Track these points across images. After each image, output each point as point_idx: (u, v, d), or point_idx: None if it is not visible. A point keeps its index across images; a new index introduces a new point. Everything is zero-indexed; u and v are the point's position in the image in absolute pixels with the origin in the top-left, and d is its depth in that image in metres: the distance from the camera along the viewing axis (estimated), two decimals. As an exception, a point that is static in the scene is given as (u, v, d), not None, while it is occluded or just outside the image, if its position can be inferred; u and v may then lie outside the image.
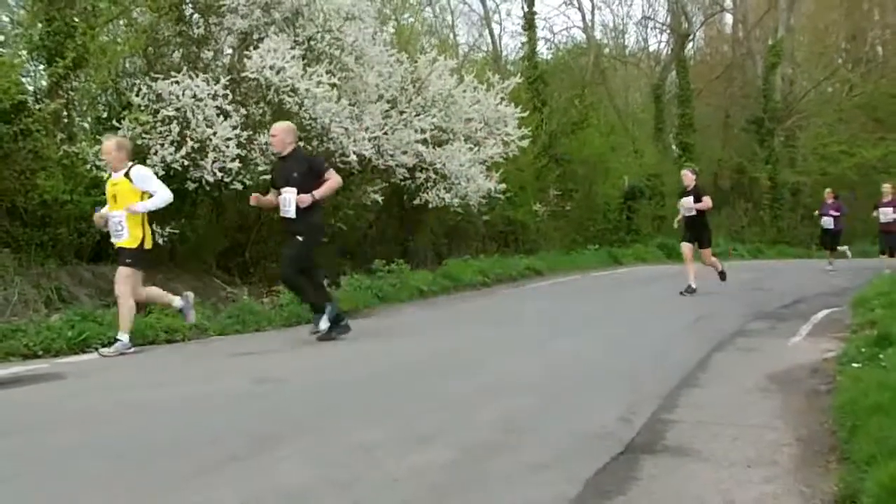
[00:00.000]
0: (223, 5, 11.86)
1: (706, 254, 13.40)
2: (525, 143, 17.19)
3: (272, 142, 8.79)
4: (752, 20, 33.16)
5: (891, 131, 30.25)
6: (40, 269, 9.87)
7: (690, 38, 33.02)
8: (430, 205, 15.24)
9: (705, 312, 10.50)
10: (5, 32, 11.00)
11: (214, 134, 10.76)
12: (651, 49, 37.01)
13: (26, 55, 10.55)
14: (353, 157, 12.51)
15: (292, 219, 8.25)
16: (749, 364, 6.92)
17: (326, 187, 8.33)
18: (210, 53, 12.20)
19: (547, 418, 5.06)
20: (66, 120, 10.79)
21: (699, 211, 13.07)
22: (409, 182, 14.88)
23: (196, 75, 10.98)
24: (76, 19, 10.32)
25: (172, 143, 10.64)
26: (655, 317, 10.48)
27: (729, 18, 35.91)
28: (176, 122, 10.74)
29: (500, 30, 46.09)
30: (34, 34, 10.42)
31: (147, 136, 10.61)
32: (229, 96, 11.13)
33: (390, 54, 14.33)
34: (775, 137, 30.70)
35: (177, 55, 12.08)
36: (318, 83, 11.68)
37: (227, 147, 10.79)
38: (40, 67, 10.75)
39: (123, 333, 7.76)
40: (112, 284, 7.98)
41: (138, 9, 11.86)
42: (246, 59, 11.57)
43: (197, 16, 12.08)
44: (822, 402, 5.41)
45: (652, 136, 30.26)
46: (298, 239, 8.28)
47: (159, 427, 4.88)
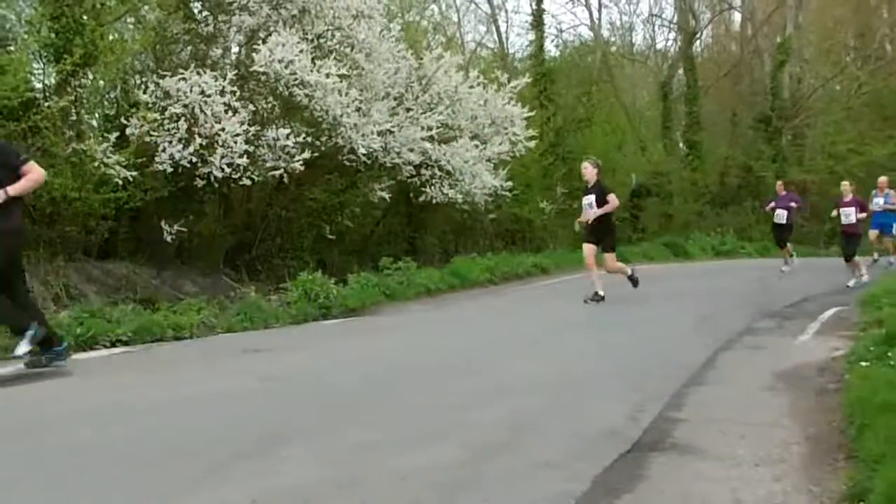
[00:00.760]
0: (233, 2, 11.88)
1: (609, 259, 11.81)
2: (532, 144, 17.18)
3: None
4: (759, 18, 32.98)
5: (900, 129, 30.11)
6: (49, 267, 9.92)
7: (698, 35, 32.86)
8: (435, 201, 15.24)
9: (712, 311, 10.47)
10: (14, 30, 11.04)
11: (223, 130, 10.79)
12: (658, 47, 36.91)
13: (35, 52, 10.59)
14: (362, 152, 12.52)
15: None
16: (756, 363, 6.91)
17: (25, 182, 6.47)
18: (218, 51, 12.23)
19: (554, 417, 5.06)
20: (75, 117, 10.82)
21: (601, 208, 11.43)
22: (416, 179, 14.89)
23: (204, 72, 11.01)
24: (84, 17, 10.36)
25: (180, 141, 10.68)
26: (662, 315, 10.45)
27: (737, 16, 35.74)
28: (184, 118, 10.77)
29: (506, 28, 46.02)
30: (42, 32, 10.45)
31: (155, 134, 10.65)
32: (237, 93, 11.16)
33: (398, 50, 14.35)
34: (783, 135, 30.54)
35: (185, 53, 12.12)
36: (327, 75, 11.69)
37: (236, 143, 10.82)
38: (49, 65, 10.78)
39: None
40: (119, 281, 8.01)
41: (146, 6, 11.89)
42: (255, 53, 11.60)
43: (206, 13, 12.11)
44: (830, 400, 5.40)
45: (659, 135, 30.15)
46: None
47: (166, 425, 4.88)
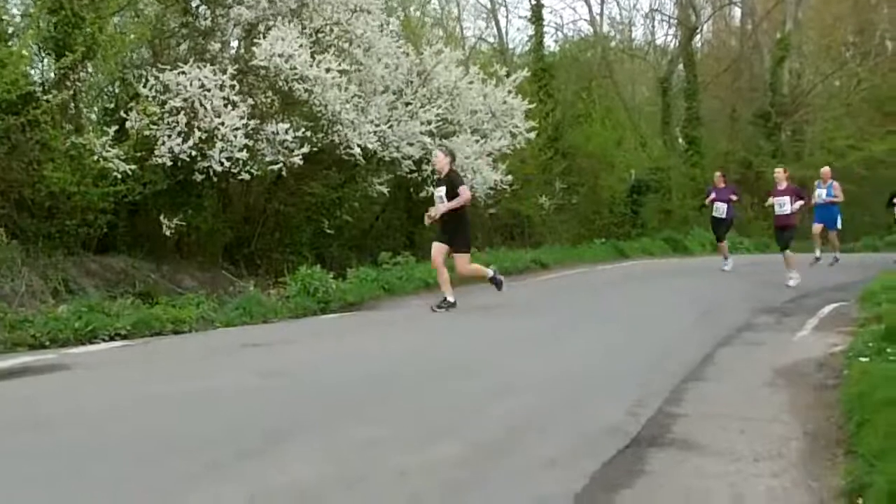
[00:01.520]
0: (230, -4, 11.89)
1: (459, 261, 10.19)
2: (532, 136, 17.16)
3: None
4: (759, 13, 32.99)
5: (899, 125, 30.12)
6: (47, 260, 9.92)
7: (698, 31, 32.88)
8: (437, 197, 15.20)
9: (711, 307, 10.48)
10: (13, 23, 11.01)
11: (222, 124, 10.78)
12: (658, 42, 36.87)
13: (34, 46, 10.57)
14: (357, 150, 12.51)
15: None
16: (755, 358, 6.91)
17: None
18: (217, 45, 12.22)
19: (553, 413, 5.06)
20: (74, 111, 10.82)
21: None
22: (416, 174, 14.87)
23: (203, 66, 11.00)
24: (83, 10, 10.33)
25: (180, 134, 10.67)
26: (661, 310, 10.45)
27: (737, 11, 35.73)
28: (183, 112, 10.76)
29: (506, 23, 45.94)
30: (42, 25, 10.43)
31: (155, 127, 10.64)
32: (236, 87, 11.15)
33: (398, 45, 14.33)
34: (782, 131, 30.58)
35: (183, 46, 12.11)
36: (326, 69, 11.68)
37: (235, 137, 10.82)
38: (48, 59, 10.77)
39: None
40: (118, 275, 8.00)
41: (144, 0, 11.88)
42: (255, 47, 11.58)
43: (203, 7, 12.09)
44: (829, 396, 5.40)
45: (658, 130, 30.15)
46: None
47: (167, 421, 4.87)
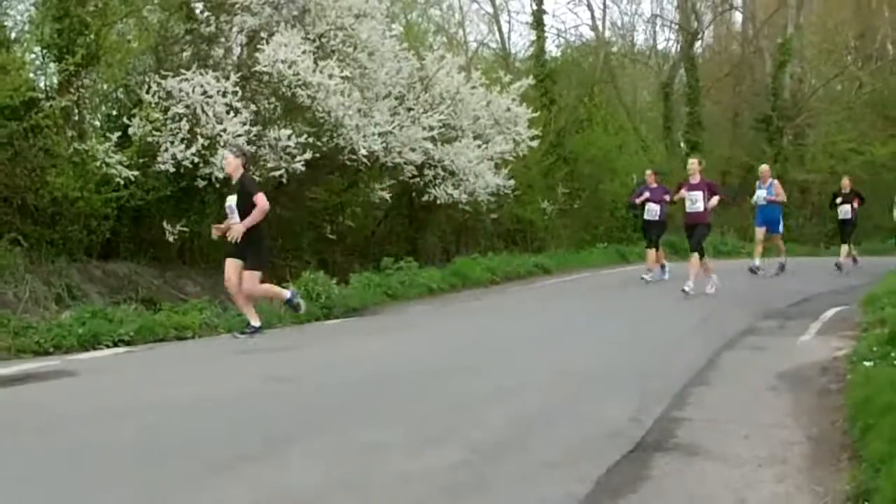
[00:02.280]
0: (235, 3, 11.89)
1: (248, 280, 8.50)
2: (535, 143, 17.20)
3: None
4: (761, 18, 33.00)
5: (900, 129, 30.13)
6: (51, 267, 9.93)
7: (699, 36, 32.87)
8: (439, 201, 15.24)
9: (713, 311, 10.46)
10: (17, 29, 11.06)
11: (224, 130, 10.80)
12: (660, 47, 36.81)
13: (38, 52, 10.60)
14: (363, 153, 12.52)
15: None
16: (759, 363, 6.91)
17: None
18: (220, 51, 12.24)
19: (557, 417, 5.06)
20: (77, 117, 10.84)
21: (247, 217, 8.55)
22: (418, 180, 14.89)
23: (206, 72, 11.03)
24: (87, 17, 10.36)
25: (182, 141, 10.69)
26: (664, 315, 10.45)
27: (738, 16, 35.75)
28: (186, 119, 10.79)
29: (508, 28, 46.00)
30: (45, 31, 10.46)
31: (157, 134, 10.66)
32: (239, 93, 11.17)
33: (401, 49, 14.37)
34: (784, 135, 30.55)
35: (187, 53, 12.13)
36: (329, 76, 11.70)
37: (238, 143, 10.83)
38: (51, 65, 10.80)
39: None
40: (121, 281, 8.01)
41: (148, 6, 11.90)
42: (258, 52, 11.61)
43: (207, 13, 12.12)
44: (833, 400, 5.40)
45: (660, 135, 30.15)
46: None
47: (171, 426, 4.87)
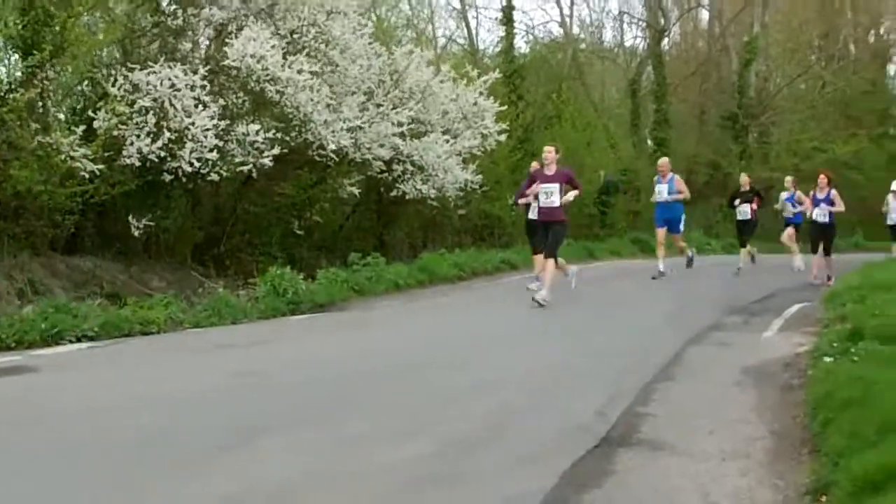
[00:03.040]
0: (202, -5, 11.81)
1: None
2: (503, 138, 17.22)
3: None
4: (727, 16, 33.34)
5: (862, 127, 30.64)
6: (13, 261, 9.79)
7: (666, 33, 33.15)
8: (408, 196, 15.22)
9: (680, 307, 10.57)
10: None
11: (192, 124, 10.71)
12: (627, 44, 37.06)
13: (1, 44, 10.43)
14: (332, 148, 12.48)
15: None
16: (723, 358, 7.00)
17: None
18: (188, 45, 12.13)
19: (524, 413, 5.11)
20: (41, 110, 10.67)
21: None
22: (387, 175, 14.87)
23: (174, 66, 10.92)
24: (53, 9, 10.21)
25: (149, 135, 10.57)
26: (631, 311, 10.54)
27: (705, 14, 36.10)
28: (152, 112, 10.68)
29: (476, 24, 46.02)
30: (10, 23, 10.29)
31: (123, 127, 10.54)
32: (207, 87, 11.08)
33: (371, 45, 14.32)
34: (749, 133, 30.94)
35: (154, 46, 12.00)
36: (298, 71, 11.64)
37: (206, 137, 10.74)
38: (15, 57, 10.64)
39: None
40: (86, 276, 7.92)
41: (114, -2, 11.78)
42: (227, 47, 11.51)
43: (174, 6, 12.00)
44: (794, 396, 5.50)
45: (628, 132, 30.35)
46: None
47: (135, 420, 4.84)
